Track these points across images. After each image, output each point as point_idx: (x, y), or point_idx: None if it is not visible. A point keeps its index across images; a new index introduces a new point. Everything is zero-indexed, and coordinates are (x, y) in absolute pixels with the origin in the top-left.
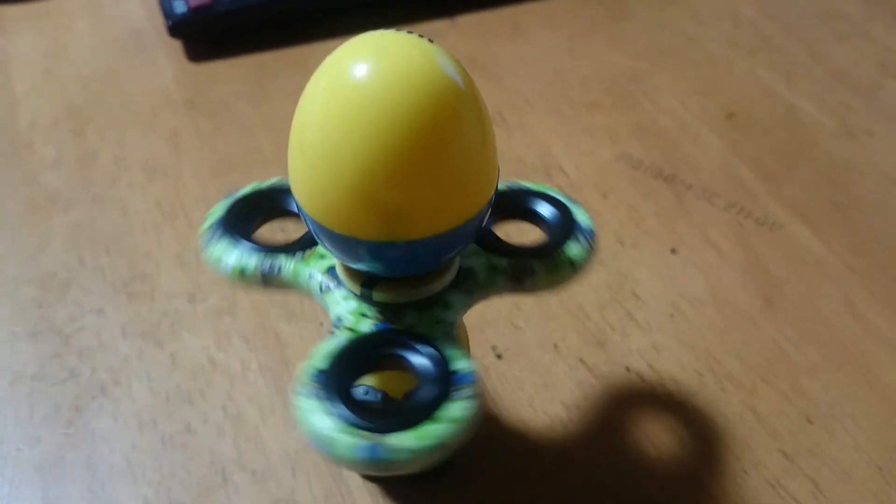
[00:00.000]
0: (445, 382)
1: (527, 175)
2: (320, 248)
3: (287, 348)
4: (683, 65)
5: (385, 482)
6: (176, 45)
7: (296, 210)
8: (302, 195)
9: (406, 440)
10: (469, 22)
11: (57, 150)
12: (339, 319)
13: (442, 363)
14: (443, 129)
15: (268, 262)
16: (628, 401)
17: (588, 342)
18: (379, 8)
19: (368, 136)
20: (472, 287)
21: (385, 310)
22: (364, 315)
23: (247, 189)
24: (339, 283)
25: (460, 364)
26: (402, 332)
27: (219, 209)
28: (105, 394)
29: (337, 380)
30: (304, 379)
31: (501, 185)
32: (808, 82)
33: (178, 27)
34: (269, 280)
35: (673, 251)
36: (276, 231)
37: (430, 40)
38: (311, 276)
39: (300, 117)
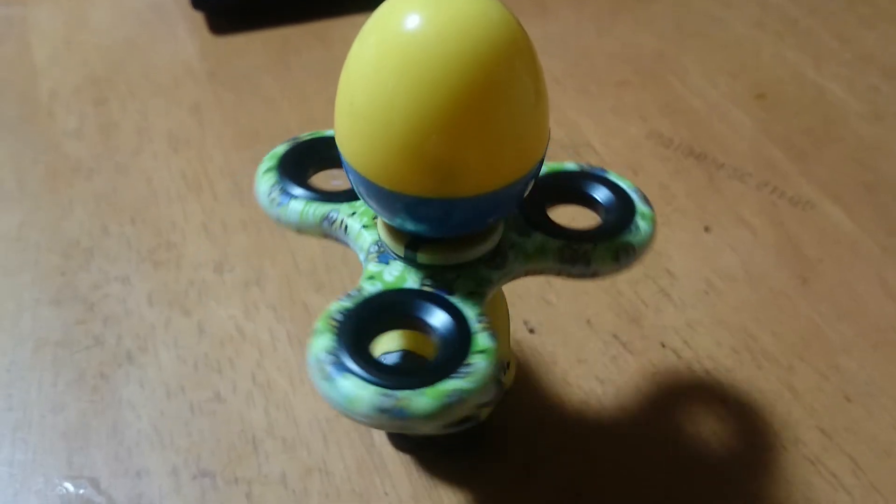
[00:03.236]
0: (464, 343)
1: (556, 153)
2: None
3: (315, 319)
4: (711, 46)
5: (417, 452)
6: (198, 18)
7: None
8: (349, 150)
9: (421, 398)
10: None
11: (78, 119)
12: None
13: (462, 324)
14: (497, 83)
15: (334, 215)
16: (664, 377)
17: (622, 318)
18: None
19: (421, 88)
20: (518, 255)
21: (430, 272)
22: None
23: (305, 136)
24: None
25: (476, 325)
26: (420, 292)
27: (279, 152)
28: (132, 361)
29: (354, 338)
30: (320, 337)
31: (562, 166)
32: (837, 65)
33: None
34: (328, 233)
35: (706, 229)
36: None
37: None
38: (376, 244)
39: (349, 71)
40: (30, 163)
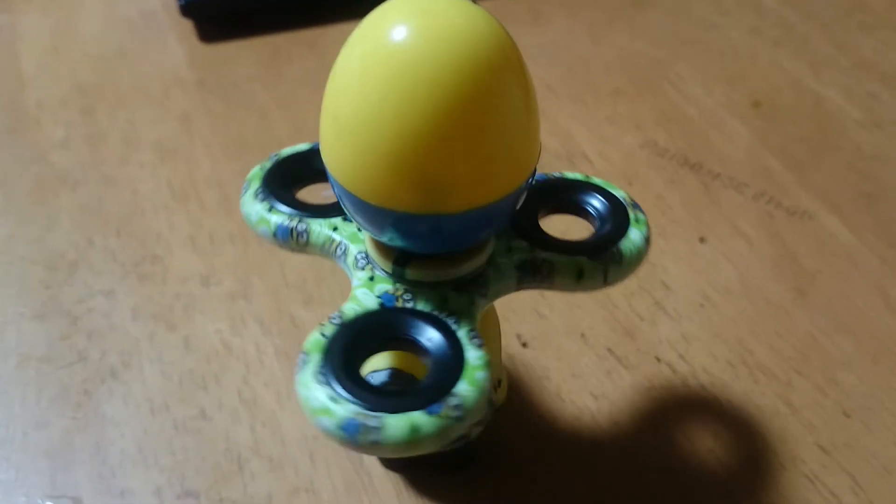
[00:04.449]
0: (455, 369)
1: (550, 162)
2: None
3: (303, 333)
4: (707, 53)
5: (407, 471)
6: (187, 26)
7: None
8: (334, 164)
9: (398, 423)
10: (489, 8)
11: (65, 129)
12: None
13: (456, 349)
14: (486, 95)
15: (296, 224)
16: (659, 392)
17: (616, 331)
18: None
19: (408, 100)
20: (499, 276)
21: (419, 288)
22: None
23: (289, 151)
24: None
25: (472, 353)
26: (414, 311)
27: (261, 169)
28: (115, 377)
29: (343, 356)
30: (309, 352)
31: (571, 176)
32: (834, 72)
33: (191, 7)
34: (297, 243)
35: (702, 240)
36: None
37: (473, 0)
38: (345, 250)
39: (334, 82)
40: (16, 174)
